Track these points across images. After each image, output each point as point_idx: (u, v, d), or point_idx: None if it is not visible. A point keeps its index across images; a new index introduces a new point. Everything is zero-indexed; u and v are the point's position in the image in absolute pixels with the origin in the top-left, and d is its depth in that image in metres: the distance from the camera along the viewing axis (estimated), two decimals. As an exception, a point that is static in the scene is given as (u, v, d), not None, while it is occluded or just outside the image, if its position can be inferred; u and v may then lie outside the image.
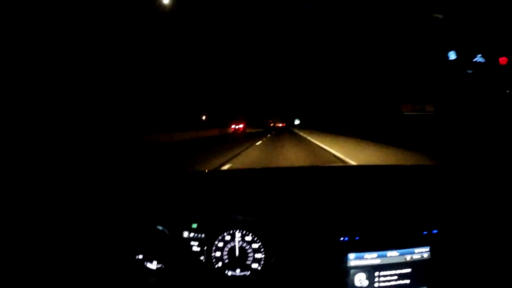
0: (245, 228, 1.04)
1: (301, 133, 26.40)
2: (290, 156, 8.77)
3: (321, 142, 13.28)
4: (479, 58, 8.39)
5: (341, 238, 0.99)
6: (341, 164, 5.55)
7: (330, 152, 9.31)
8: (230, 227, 1.05)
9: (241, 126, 36.22)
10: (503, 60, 8.02)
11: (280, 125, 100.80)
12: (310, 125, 47.58)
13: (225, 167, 6.28)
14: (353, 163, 6.63)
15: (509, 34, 8.05)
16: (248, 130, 36.67)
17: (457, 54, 8.60)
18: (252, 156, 8.87)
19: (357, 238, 0.99)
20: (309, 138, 17.73)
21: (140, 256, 1.04)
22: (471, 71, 8.62)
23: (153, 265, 1.03)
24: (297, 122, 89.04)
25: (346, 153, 8.66)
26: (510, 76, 8.24)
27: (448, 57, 8.68)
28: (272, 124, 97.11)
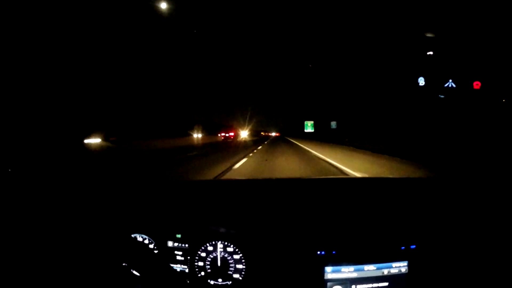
0: (227, 239, 1.07)
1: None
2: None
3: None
4: (450, 83, 8.96)
5: (318, 252, 1.03)
6: (322, 177, 5.63)
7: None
8: (213, 238, 1.07)
9: (231, 134, 36.30)
10: (476, 85, 8.54)
11: (273, 134, 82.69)
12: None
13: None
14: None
15: (480, 59, 8.61)
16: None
17: (425, 80, 9.05)
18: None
19: (334, 252, 1.03)
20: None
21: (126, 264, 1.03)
22: (443, 96, 9.14)
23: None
24: (309, 129, 42.18)
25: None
26: (484, 99, 8.74)
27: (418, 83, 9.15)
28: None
